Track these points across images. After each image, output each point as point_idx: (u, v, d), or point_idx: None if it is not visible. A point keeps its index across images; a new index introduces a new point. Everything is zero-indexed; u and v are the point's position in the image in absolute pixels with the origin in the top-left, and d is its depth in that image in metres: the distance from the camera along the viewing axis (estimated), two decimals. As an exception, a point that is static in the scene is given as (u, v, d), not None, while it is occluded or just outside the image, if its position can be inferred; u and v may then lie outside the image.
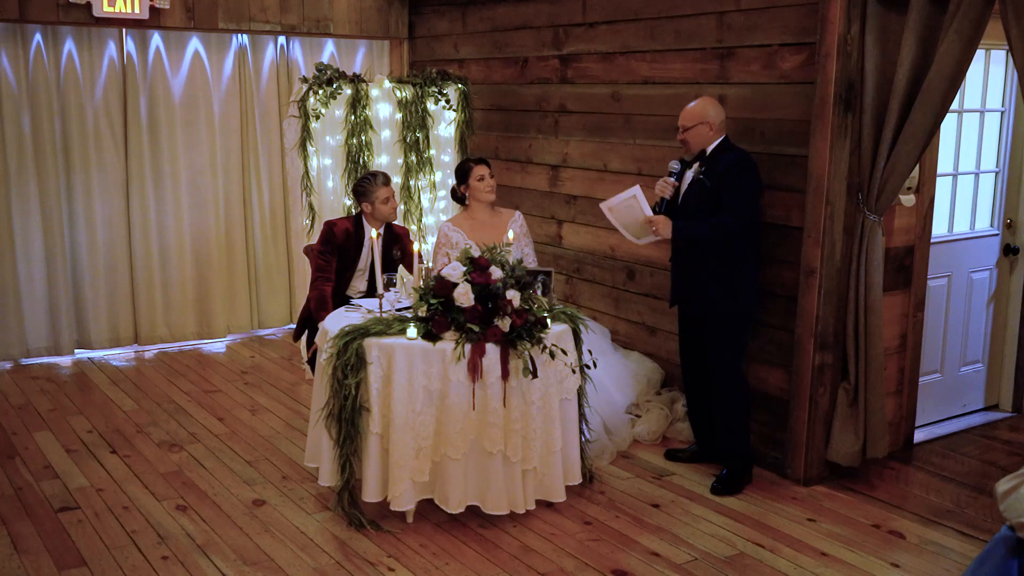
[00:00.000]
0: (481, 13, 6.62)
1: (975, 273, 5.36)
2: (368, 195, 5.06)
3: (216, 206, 7.02)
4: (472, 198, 5.15)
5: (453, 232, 5.12)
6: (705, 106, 4.40)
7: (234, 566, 3.79)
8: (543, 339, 4.05)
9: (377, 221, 5.10)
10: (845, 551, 3.93)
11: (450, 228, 5.15)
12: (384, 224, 5.12)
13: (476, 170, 5.12)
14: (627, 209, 4.54)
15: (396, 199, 5.22)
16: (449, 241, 5.11)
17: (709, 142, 4.40)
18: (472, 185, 5.12)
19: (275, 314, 7.41)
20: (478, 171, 5.12)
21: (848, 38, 4.21)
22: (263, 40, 7.09)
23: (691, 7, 5.00)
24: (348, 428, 3.99)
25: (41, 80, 6.36)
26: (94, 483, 4.57)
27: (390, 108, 6.31)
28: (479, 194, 5.12)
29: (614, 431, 4.98)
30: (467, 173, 5.14)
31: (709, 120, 4.37)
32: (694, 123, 4.41)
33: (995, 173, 5.37)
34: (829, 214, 4.34)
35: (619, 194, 4.55)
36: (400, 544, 3.97)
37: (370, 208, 5.07)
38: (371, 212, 5.08)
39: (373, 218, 5.10)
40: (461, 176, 5.19)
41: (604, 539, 4.03)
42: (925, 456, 4.93)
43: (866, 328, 4.43)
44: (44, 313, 6.57)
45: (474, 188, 5.12)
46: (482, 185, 5.11)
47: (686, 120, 4.43)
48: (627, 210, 4.54)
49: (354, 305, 4.57)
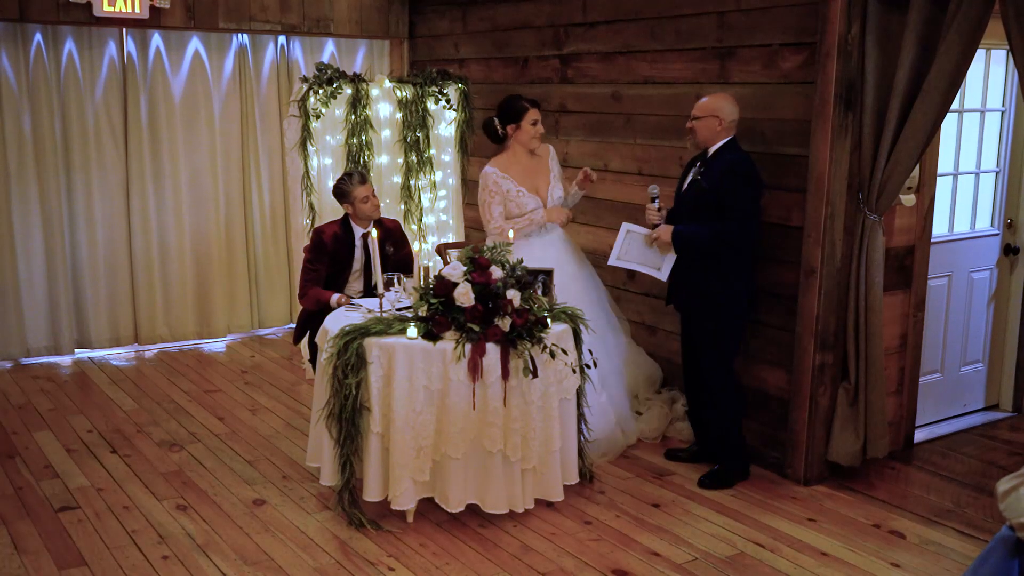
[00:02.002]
0: (481, 13, 6.62)
1: (975, 273, 5.36)
2: (346, 196, 5.06)
3: (216, 206, 7.02)
4: (516, 140, 4.83)
5: (504, 180, 4.83)
6: (719, 101, 4.40)
7: (234, 566, 3.79)
8: (543, 339, 4.05)
9: (362, 220, 5.09)
10: (845, 551, 3.93)
11: (500, 176, 4.83)
12: (373, 221, 5.11)
13: (531, 113, 4.78)
14: (631, 246, 4.59)
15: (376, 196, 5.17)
16: (500, 189, 4.84)
17: (716, 138, 4.39)
18: (523, 127, 4.78)
19: (275, 314, 7.41)
20: (532, 114, 4.78)
21: (849, 38, 4.21)
22: (263, 40, 7.09)
23: (691, 7, 4.99)
24: (348, 428, 3.99)
25: (41, 80, 6.36)
26: (94, 483, 4.57)
27: (390, 108, 6.31)
28: (526, 138, 4.81)
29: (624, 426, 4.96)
30: (520, 114, 4.79)
31: (720, 115, 4.37)
32: (704, 114, 4.41)
33: (995, 173, 5.37)
34: (829, 214, 4.34)
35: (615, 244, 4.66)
36: (400, 543, 3.97)
37: (351, 208, 5.08)
38: (353, 212, 5.09)
39: (358, 217, 5.10)
40: (512, 115, 4.80)
41: (604, 539, 4.03)
42: (925, 456, 4.93)
43: (866, 328, 4.43)
44: (44, 312, 6.57)
45: (524, 131, 4.79)
46: (533, 130, 4.80)
47: (698, 110, 4.44)
48: (632, 247, 4.59)
49: (354, 305, 4.57)
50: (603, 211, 5.73)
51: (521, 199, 4.86)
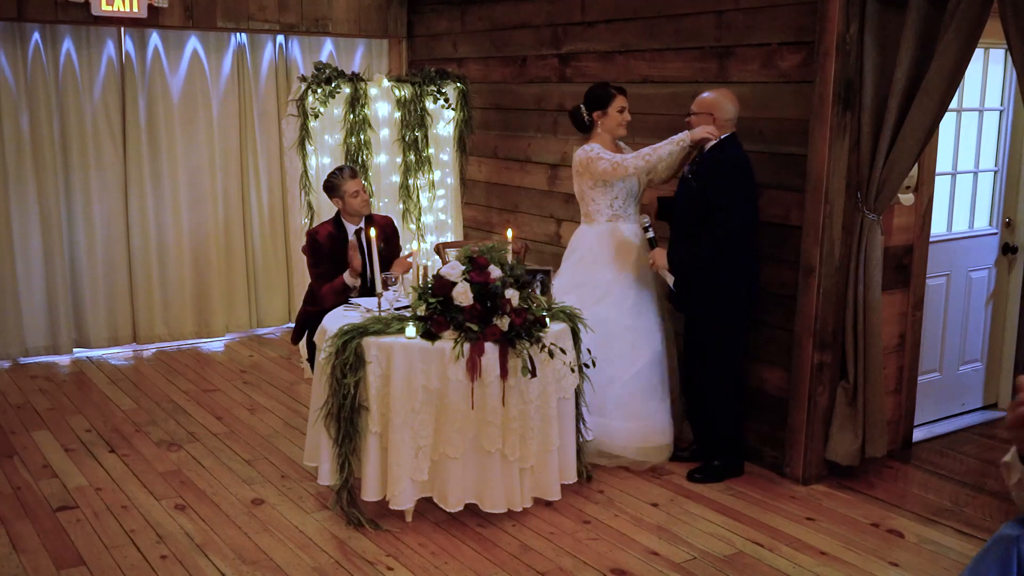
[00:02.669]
0: (480, 12, 6.62)
1: (974, 272, 5.37)
2: (337, 190, 5.05)
3: (215, 205, 7.02)
4: (604, 128, 4.70)
5: (604, 152, 4.63)
6: (718, 99, 4.41)
7: (233, 565, 3.79)
8: (542, 338, 4.05)
9: (352, 216, 5.09)
10: (844, 550, 3.93)
11: (600, 149, 4.64)
12: (364, 217, 5.10)
13: (618, 100, 4.67)
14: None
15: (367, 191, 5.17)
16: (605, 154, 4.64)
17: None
18: (609, 114, 4.67)
19: (274, 313, 7.41)
20: (620, 101, 4.67)
21: (847, 37, 4.21)
22: (262, 39, 7.09)
23: (690, 6, 4.99)
24: (347, 427, 3.99)
25: (39, 79, 6.36)
26: (93, 482, 4.56)
27: (389, 107, 6.31)
28: (612, 125, 4.69)
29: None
30: (608, 100, 4.67)
31: (715, 113, 4.38)
32: (700, 111, 4.44)
33: (994, 172, 5.37)
34: (828, 213, 4.34)
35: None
36: (399, 543, 3.97)
37: (341, 203, 5.07)
38: (343, 207, 5.08)
39: (348, 213, 5.09)
40: (600, 102, 4.69)
41: (603, 538, 4.03)
42: (924, 455, 4.93)
43: (865, 327, 4.43)
44: (43, 312, 6.57)
45: (611, 117, 4.67)
46: (621, 117, 4.69)
47: (695, 106, 4.47)
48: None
49: (353, 304, 4.57)
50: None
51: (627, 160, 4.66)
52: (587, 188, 4.73)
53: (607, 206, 4.72)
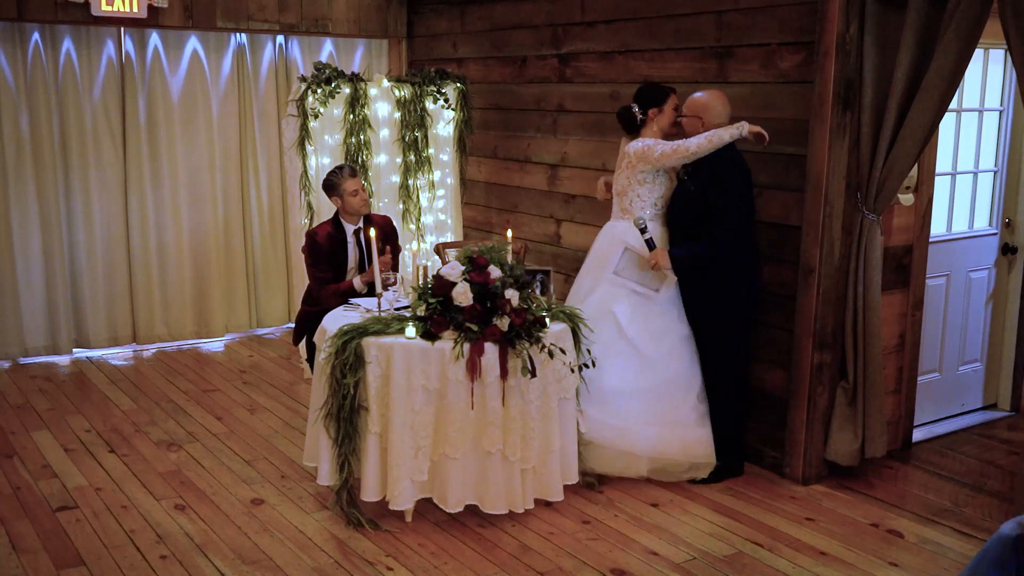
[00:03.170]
0: (480, 12, 6.62)
1: (973, 272, 5.37)
2: (336, 188, 5.05)
3: (215, 205, 7.02)
4: (656, 124, 4.64)
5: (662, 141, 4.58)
6: (708, 101, 4.41)
7: (232, 565, 3.79)
8: (542, 338, 4.05)
9: (351, 215, 5.08)
10: (844, 550, 3.93)
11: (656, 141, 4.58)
12: (363, 217, 5.10)
13: (673, 98, 4.65)
14: (629, 264, 4.58)
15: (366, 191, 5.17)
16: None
17: None
18: (665, 111, 4.63)
19: (273, 313, 7.41)
20: (674, 99, 4.65)
21: (847, 37, 4.21)
22: (262, 39, 7.09)
23: (690, 6, 4.99)
24: (347, 427, 3.99)
25: (39, 79, 6.36)
26: (92, 482, 4.56)
27: (389, 107, 6.31)
28: (667, 122, 4.64)
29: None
30: (665, 98, 4.64)
31: (704, 116, 4.40)
32: (690, 113, 4.46)
33: (994, 172, 5.37)
34: (828, 213, 4.34)
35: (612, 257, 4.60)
36: (399, 543, 3.97)
37: (340, 202, 5.07)
38: (342, 206, 5.08)
39: (346, 212, 5.09)
40: (656, 100, 4.64)
41: (603, 538, 4.03)
42: (924, 455, 4.93)
43: (865, 327, 4.43)
44: (42, 312, 6.57)
45: (666, 114, 4.63)
46: (675, 114, 4.65)
47: (686, 108, 4.49)
48: (630, 265, 4.58)
49: (353, 304, 4.57)
50: (602, 210, 5.72)
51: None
52: (635, 183, 4.65)
53: (651, 204, 4.67)
